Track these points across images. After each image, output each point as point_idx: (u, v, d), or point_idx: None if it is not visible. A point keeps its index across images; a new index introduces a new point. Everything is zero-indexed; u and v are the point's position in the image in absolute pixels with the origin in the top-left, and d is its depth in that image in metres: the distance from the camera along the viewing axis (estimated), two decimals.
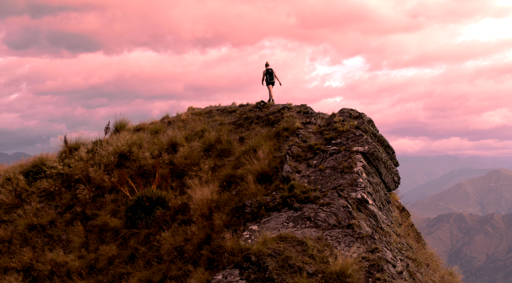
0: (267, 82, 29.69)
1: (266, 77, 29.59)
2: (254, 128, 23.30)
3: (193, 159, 21.85)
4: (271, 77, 29.57)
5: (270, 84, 29.81)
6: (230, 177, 19.24)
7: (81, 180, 23.19)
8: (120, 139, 24.81)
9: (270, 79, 29.64)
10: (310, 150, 16.88)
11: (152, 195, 20.14)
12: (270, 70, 29.62)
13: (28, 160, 27.08)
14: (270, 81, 29.70)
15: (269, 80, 29.63)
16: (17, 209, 23.13)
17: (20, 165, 26.10)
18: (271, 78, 29.60)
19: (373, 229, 13.91)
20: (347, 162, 15.68)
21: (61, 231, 21.46)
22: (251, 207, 15.18)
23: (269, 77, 29.56)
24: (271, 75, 29.59)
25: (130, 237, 19.64)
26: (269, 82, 29.73)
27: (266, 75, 29.56)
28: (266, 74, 29.56)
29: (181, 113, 28.03)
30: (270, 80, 29.67)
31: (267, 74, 29.55)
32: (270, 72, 29.58)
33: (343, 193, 14.56)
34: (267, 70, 29.55)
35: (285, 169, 15.98)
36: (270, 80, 29.67)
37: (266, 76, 29.57)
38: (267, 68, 29.61)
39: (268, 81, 29.70)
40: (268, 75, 29.54)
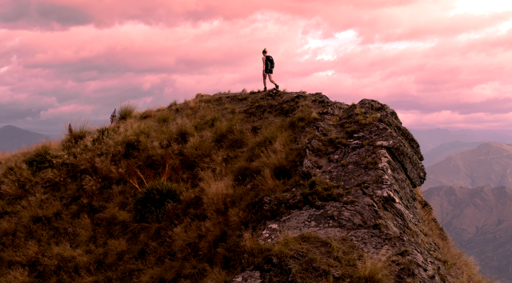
0: (266, 69, 29.41)
1: (266, 65, 29.28)
2: (267, 117, 22.79)
3: (204, 149, 21.38)
4: (272, 64, 29.22)
5: (270, 72, 29.52)
6: (245, 170, 18.77)
7: (87, 171, 22.73)
8: (127, 128, 24.31)
9: (271, 66, 29.30)
10: (331, 144, 16.38)
11: (162, 188, 19.69)
12: (270, 57, 29.28)
13: (31, 148, 26.61)
14: (270, 68, 29.38)
15: (269, 68, 29.32)
16: (20, 200, 22.69)
17: (22, 154, 25.61)
18: (271, 66, 29.25)
19: (400, 229, 13.46)
20: (371, 158, 15.20)
21: (67, 224, 21.04)
22: (270, 204, 14.72)
23: (270, 64, 29.23)
24: (272, 62, 29.23)
25: (140, 232, 19.22)
26: (269, 69, 29.42)
27: (267, 62, 29.23)
28: (266, 61, 29.24)
29: (189, 100, 27.51)
30: (271, 67, 29.35)
31: (268, 61, 29.22)
32: (271, 60, 29.21)
33: (368, 190, 14.10)
34: (267, 57, 29.19)
35: (305, 164, 15.50)
36: (271, 67, 29.35)
37: (267, 63, 29.25)
38: (267, 55, 29.28)
39: (268, 69, 29.40)
40: (269, 62, 29.21)
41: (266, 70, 29.05)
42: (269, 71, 29.13)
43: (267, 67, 29.01)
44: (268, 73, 29.15)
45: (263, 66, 29.04)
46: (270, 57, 29.04)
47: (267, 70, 29.05)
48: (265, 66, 29.00)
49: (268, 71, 29.10)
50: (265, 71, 29.06)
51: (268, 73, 29.15)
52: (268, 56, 29.03)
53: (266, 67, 28.99)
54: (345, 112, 18.79)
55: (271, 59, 29.04)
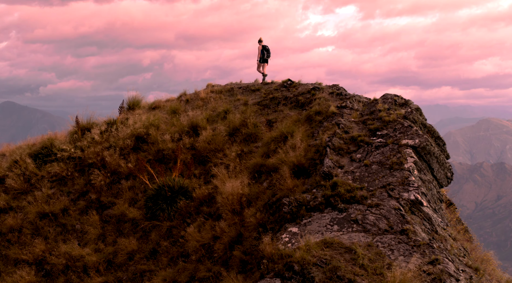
0: (262, 59, 29.25)
1: (262, 54, 29.13)
2: (281, 110, 22.23)
3: (217, 144, 20.86)
4: (268, 54, 29.08)
5: (265, 62, 29.33)
6: (260, 167, 18.24)
7: (95, 165, 22.27)
8: (136, 120, 23.81)
9: (267, 56, 29.15)
10: (353, 142, 15.82)
11: (174, 184, 19.21)
12: (267, 47, 29.12)
13: (36, 140, 26.17)
14: (266, 58, 29.23)
15: (265, 57, 29.16)
16: (26, 195, 22.29)
17: (28, 146, 25.17)
18: (268, 55, 29.12)
19: (428, 234, 12.95)
20: (396, 157, 14.65)
21: (75, 220, 20.62)
22: (290, 206, 14.21)
23: (267, 54, 29.06)
24: (268, 52, 29.10)
25: (151, 230, 18.78)
26: (265, 59, 29.24)
27: (263, 51, 29.07)
28: (263, 50, 29.08)
29: (199, 90, 26.96)
30: (267, 57, 29.21)
31: (264, 50, 29.06)
32: (267, 49, 29.12)
33: (394, 193, 13.57)
34: (263, 46, 29.03)
35: (326, 163, 14.96)
36: (267, 57, 29.21)
37: (263, 52, 29.09)
38: (263, 45, 29.10)
39: (264, 58, 29.23)
40: (265, 51, 29.03)
41: (261, 60, 29.01)
42: (265, 61, 29.11)
43: (262, 57, 28.98)
44: (263, 63, 29.11)
45: (258, 56, 29.00)
46: (266, 47, 29.01)
47: (263, 59, 29.02)
48: (260, 56, 28.98)
49: (264, 61, 29.06)
50: (260, 60, 29.05)
51: (263, 63, 29.12)
52: (264, 45, 29.00)
53: (262, 56, 28.95)
54: (366, 107, 18.19)
55: (267, 48, 29.00)
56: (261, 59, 29.11)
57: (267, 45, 29.13)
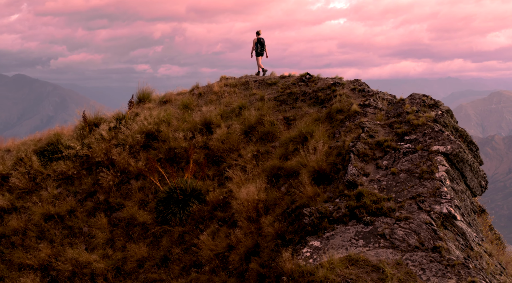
0: (256, 52, 28.78)
1: (256, 47, 28.65)
2: (300, 106, 21.42)
3: (231, 143, 20.13)
4: (262, 48, 28.69)
5: (260, 55, 28.83)
6: (278, 170, 17.50)
7: (103, 163, 21.61)
8: (146, 116, 23.10)
9: (261, 50, 28.70)
10: (379, 147, 15.00)
11: (186, 187, 18.53)
12: (262, 40, 28.55)
13: (42, 135, 25.57)
14: (260, 52, 28.75)
15: (259, 51, 28.67)
16: (31, 194, 21.71)
17: (33, 142, 24.56)
18: (262, 49, 28.71)
19: (462, 251, 12.17)
20: (426, 165, 13.83)
21: (82, 223, 20.01)
22: (311, 217, 13.47)
23: (260, 47, 28.61)
24: (262, 46, 28.69)
25: (162, 235, 18.13)
26: (260, 53, 28.75)
27: (257, 45, 28.60)
28: (257, 43, 28.58)
29: (213, 83, 26.19)
30: (260, 51, 28.72)
31: (258, 43, 28.56)
32: (261, 42, 28.63)
33: (424, 205, 12.78)
34: (258, 39, 28.53)
35: (349, 171, 14.17)
36: (260, 51, 28.72)
37: (256, 46, 28.60)
38: (258, 37, 28.55)
39: (258, 52, 28.73)
40: (259, 45, 28.53)
41: (257, 53, 28.58)
42: (260, 54, 28.64)
43: (256, 50, 28.53)
44: (258, 56, 28.70)
45: (252, 49, 28.59)
46: (261, 40, 28.60)
47: (257, 53, 28.59)
48: (255, 48, 28.57)
49: (258, 54, 28.61)
50: (256, 54, 28.62)
51: (257, 57, 28.72)
52: (259, 38, 28.58)
53: (256, 49, 28.53)
54: (392, 107, 17.31)
55: (262, 41, 28.56)
56: (256, 53, 28.86)
57: (263, 38, 28.72)
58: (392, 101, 19.73)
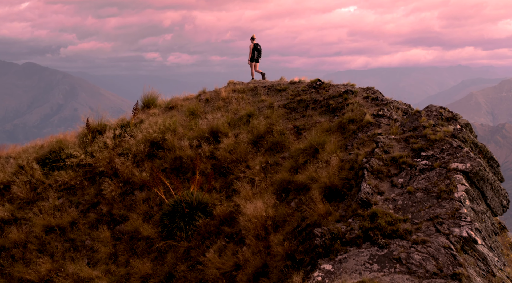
0: (252, 58, 28.39)
1: (253, 54, 28.26)
2: (310, 115, 20.86)
3: (239, 153, 19.62)
4: (259, 54, 28.29)
5: (256, 62, 28.49)
6: (288, 184, 16.99)
7: (107, 173, 21.15)
8: (151, 123, 22.61)
9: (257, 56, 28.32)
10: (394, 164, 14.43)
11: (192, 200, 18.05)
12: (259, 46, 28.28)
13: (45, 141, 25.13)
14: (257, 58, 28.35)
15: (255, 57, 28.28)
16: (32, 204, 21.30)
17: (35, 149, 24.11)
18: (259, 55, 28.33)
19: (484, 277, 11.63)
20: (445, 184, 13.27)
21: (85, 235, 19.57)
22: (322, 238, 12.94)
23: (257, 54, 28.26)
24: (259, 52, 28.29)
25: (166, 251, 17.65)
26: (256, 59, 28.36)
27: (254, 51, 28.20)
28: (253, 50, 28.21)
29: (220, 89, 25.68)
30: (257, 57, 28.35)
31: (255, 50, 28.22)
32: (258, 49, 28.40)
33: (443, 228, 12.23)
34: (255, 45, 28.18)
35: (363, 189, 13.63)
36: (257, 57, 28.35)
37: (253, 52, 28.22)
38: (255, 43, 28.20)
39: (254, 58, 28.33)
40: (256, 51, 28.14)
41: (252, 59, 28.19)
42: (255, 61, 28.29)
43: (253, 56, 28.17)
44: (254, 62, 28.29)
45: (249, 55, 28.14)
46: (258, 46, 28.26)
47: (253, 59, 28.21)
48: (251, 55, 28.15)
49: (254, 61, 28.23)
50: (250, 60, 28.21)
51: (254, 62, 28.31)
52: (256, 44, 28.26)
53: (252, 56, 28.13)
54: (408, 119, 16.70)
55: (258, 48, 28.25)
56: (252, 59, 28.48)
57: (259, 44, 28.41)
58: (407, 111, 19.14)
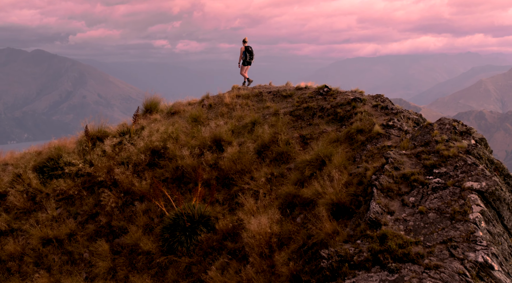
0: (245, 61, 27.86)
1: (245, 56, 27.72)
2: (317, 123, 20.36)
3: (243, 164, 19.14)
4: (251, 56, 27.70)
5: (248, 65, 27.98)
6: (293, 198, 16.52)
7: (106, 183, 20.71)
8: (152, 131, 22.15)
9: (249, 58, 27.75)
10: (405, 181, 13.93)
11: (194, 213, 17.58)
12: (250, 48, 27.68)
13: (44, 147, 24.70)
14: (249, 60, 27.81)
15: (248, 60, 27.73)
16: (29, 214, 20.87)
17: (33, 156, 23.66)
18: (250, 57, 27.75)
19: None
20: (458, 205, 12.76)
21: (83, 248, 19.13)
22: (329, 260, 12.46)
23: (249, 56, 27.67)
24: (251, 54, 27.69)
25: (167, 266, 17.19)
26: (248, 62, 27.80)
27: (245, 53, 27.65)
28: (245, 52, 27.66)
29: (224, 94, 25.20)
30: (249, 60, 27.79)
31: (247, 52, 27.64)
32: (250, 51, 27.78)
33: (457, 252, 11.73)
34: (246, 47, 27.60)
35: (372, 208, 13.13)
36: (249, 60, 27.79)
37: (245, 54, 27.67)
38: (246, 46, 27.64)
39: (246, 61, 27.78)
40: (247, 53, 27.57)
41: (244, 62, 27.61)
42: (247, 63, 27.78)
43: (245, 59, 27.58)
44: (246, 65, 27.73)
45: (240, 57, 27.65)
46: (249, 48, 27.70)
47: (245, 62, 27.62)
48: (243, 58, 27.62)
49: (246, 63, 27.71)
50: (242, 63, 27.66)
51: (245, 66, 27.76)
52: (247, 46, 27.61)
53: (244, 58, 27.60)
54: (419, 131, 16.13)
55: (250, 50, 27.66)
56: (244, 62, 28.04)
57: (250, 46, 27.83)
58: (418, 121, 18.60)
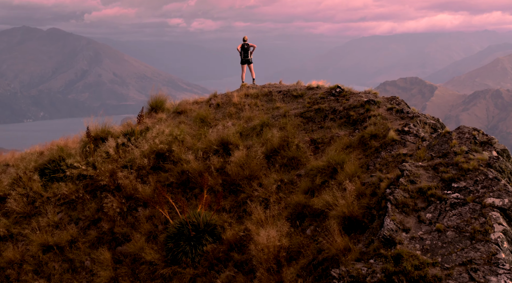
0: (241, 60, 27.04)
1: (240, 54, 26.95)
2: (329, 127, 19.77)
3: (251, 169, 18.59)
4: (245, 54, 26.79)
5: (245, 63, 27.09)
6: (303, 208, 15.98)
7: (108, 188, 20.23)
8: (158, 132, 21.63)
9: (244, 56, 26.86)
10: (421, 196, 13.32)
11: (199, 221, 17.08)
12: (245, 46, 26.90)
13: (45, 147, 24.26)
14: (244, 58, 26.92)
15: (243, 57, 26.90)
16: (30, 219, 20.46)
17: (34, 157, 23.17)
18: (245, 55, 26.80)
19: None
20: (479, 223, 12.16)
21: (84, 255, 18.70)
22: (340, 280, 11.92)
23: (244, 53, 26.75)
24: (246, 52, 26.76)
25: (171, 277, 16.72)
26: (244, 60, 26.96)
27: (241, 51, 26.83)
28: (241, 50, 26.86)
29: (232, 93, 24.61)
30: (244, 58, 26.91)
31: (242, 50, 26.83)
32: (245, 48, 26.93)
33: (477, 275, 11.15)
34: (242, 45, 26.80)
35: (386, 225, 12.55)
36: (244, 58, 26.91)
37: (240, 52, 26.88)
38: (243, 43, 26.92)
39: (242, 59, 27.00)
40: (242, 51, 26.77)
41: (242, 61, 26.86)
42: (245, 62, 26.86)
43: (241, 58, 26.80)
44: (247, 64, 26.96)
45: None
46: (245, 46, 26.77)
47: (242, 60, 26.83)
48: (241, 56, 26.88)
49: (244, 62, 26.84)
50: (241, 62, 26.94)
51: (244, 64, 26.99)
52: (244, 43, 26.77)
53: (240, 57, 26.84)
54: (436, 140, 15.45)
55: (245, 47, 26.69)
56: (241, 60, 27.39)
57: (247, 44, 27.04)
58: (436, 126, 17.95)
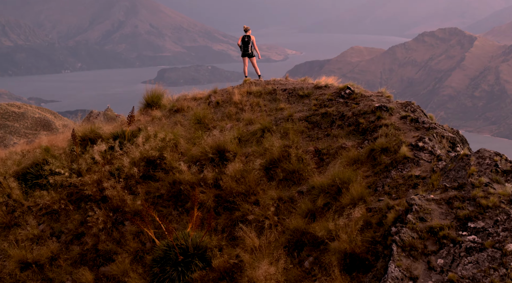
0: (242, 53, 25.86)
1: (240, 48, 25.60)
2: (336, 135, 18.42)
3: (248, 184, 17.38)
4: (245, 48, 25.54)
5: (245, 56, 25.84)
6: (302, 235, 14.75)
7: (94, 198, 19.13)
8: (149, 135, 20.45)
9: (244, 50, 25.48)
10: (432, 237, 11.95)
11: (188, 245, 15.92)
12: (246, 38, 25.60)
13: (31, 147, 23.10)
14: (245, 52, 25.51)
15: (243, 51, 25.49)
16: (9, 230, 19.44)
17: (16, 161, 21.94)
18: (245, 49, 25.52)
19: None
20: (498, 275, 10.81)
21: (66, 274, 17.71)
22: None
23: (244, 47, 25.41)
24: (245, 45, 25.53)
25: None
26: (245, 53, 25.55)
27: (241, 45, 25.44)
28: (241, 43, 25.56)
29: (233, 90, 23.26)
30: (245, 51, 25.48)
31: (242, 42, 25.49)
32: (245, 41, 25.65)
33: None
34: (242, 37, 25.61)
35: (390, 272, 11.28)
36: (245, 51, 25.48)
37: (240, 46, 25.48)
38: (243, 35, 25.74)
39: (243, 53, 25.70)
40: (242, 44, 25.41)
41: (243, 54, 25.74)
42: (246, 55, 25.67)
43: (241, 51, 25.56)
44: (243, 58, 25.74)
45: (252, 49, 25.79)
46: (245, 38, 25.37)
47: (242, 53, 25.69)
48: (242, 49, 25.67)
49: (245, 55, 25.66)
50: (242, 55, 25.84)
51: (243, 58, 25.83)
52: (244, 36, 25.42)
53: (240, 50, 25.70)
54: (452, 164, 13.94)
55: (246, 40, 25.31)
56: (242, 54, 26.21)
57: (247, 36, 25.76)
58: (454, 141, 16.48)
